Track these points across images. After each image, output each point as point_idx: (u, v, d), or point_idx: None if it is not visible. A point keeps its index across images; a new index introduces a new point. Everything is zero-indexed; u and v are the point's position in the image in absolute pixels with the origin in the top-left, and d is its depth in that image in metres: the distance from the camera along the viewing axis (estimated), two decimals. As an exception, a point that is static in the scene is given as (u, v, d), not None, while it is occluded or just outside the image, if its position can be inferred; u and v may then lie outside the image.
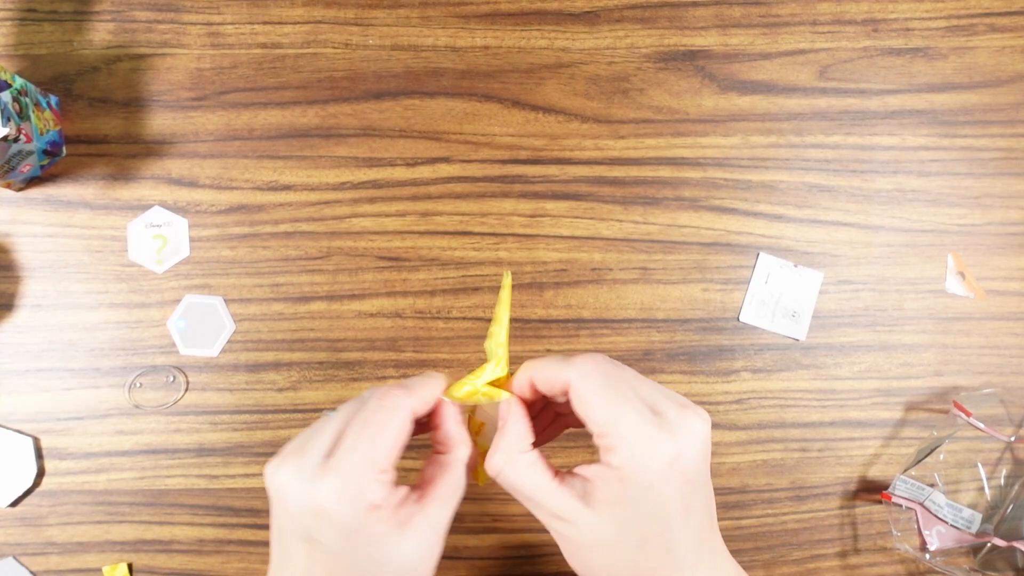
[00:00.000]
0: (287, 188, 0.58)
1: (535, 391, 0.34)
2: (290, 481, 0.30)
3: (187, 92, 0.58)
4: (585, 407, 0.31)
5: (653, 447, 0.29)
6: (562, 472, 0.32)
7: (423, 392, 0.33)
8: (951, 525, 0.56)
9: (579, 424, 0.37)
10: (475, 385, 0.34)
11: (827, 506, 0.57)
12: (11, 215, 0.57)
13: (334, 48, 0.59)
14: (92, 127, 0.58)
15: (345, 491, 0.29)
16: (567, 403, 0.33)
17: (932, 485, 0.56)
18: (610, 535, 0.30)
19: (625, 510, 0.30)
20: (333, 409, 0.37)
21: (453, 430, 0.34)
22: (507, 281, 0.35)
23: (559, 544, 0.33)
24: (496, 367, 0.35)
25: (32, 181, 0.57)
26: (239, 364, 0.56)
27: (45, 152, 0.55)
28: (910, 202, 0.59)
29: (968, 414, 0.55)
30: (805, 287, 0.58)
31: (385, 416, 0.31)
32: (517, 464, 0.32)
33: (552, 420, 0.38)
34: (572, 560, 0.32)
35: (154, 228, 0.57)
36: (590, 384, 0.31)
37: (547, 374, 0.33)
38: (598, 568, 0.31)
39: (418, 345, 0.57)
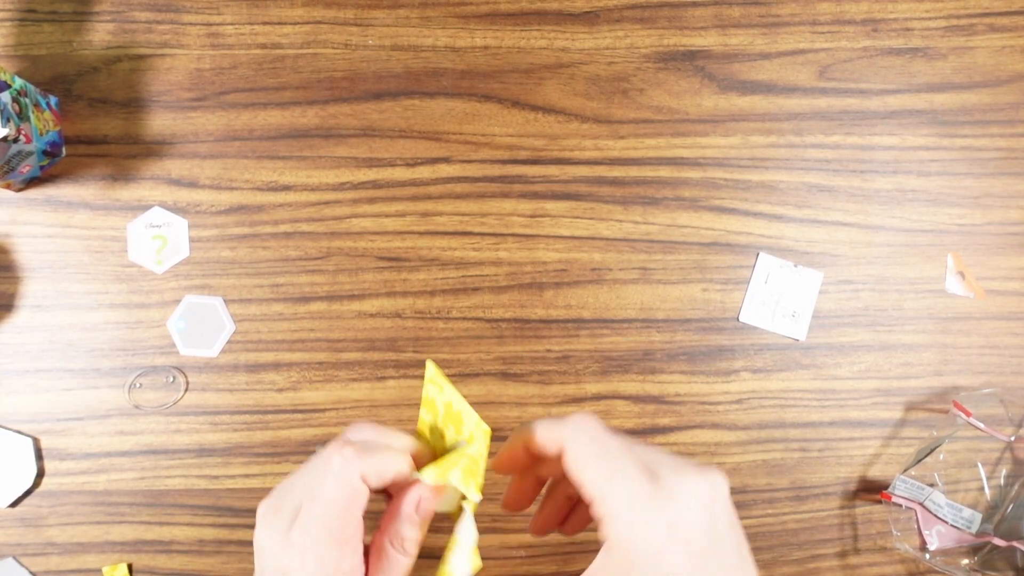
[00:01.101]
0: (287, 188, 0.58)
1: (528, 454, 0.32)
2: (265, 540, 0.30)
3: (187, 92, 0.58)
4: (578, 468, 0.28)
5: (648, 512, 0.26)
6: None
7: (379, 464, 0.30)
8: (951, 525, 0.56)
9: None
10: (447, 478, 0.31)
11: (827, 506, 0.57)
12: (11, 215, 0.57)
13: (334, 48, 0.59)
14: (92, 127, 0.58)
15: (305, 566, 0.29)
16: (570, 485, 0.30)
17: (932, 485, 0.56)
18: None
19: None
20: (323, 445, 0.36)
21: (406, 528, 0.31)
22: (432, 374, 0.33)
23: None
24: (471, 447, 0.31)
25: (32, 181, 0.57)
26: (239, 364, 0.56)
27: (45, 153, 0.55)
28: (910, 202, 0.59)
29: (968, 414, 0.55)
30: (805, 287, 0.58)
31: (335, 489, 0.29)
32: None
33: (571, 508, 0.36)
34: None
35: (154, 228, 0.57)
36: (583, 443, 0.29)
37: (542, 433, 0.30)
38: None
39: (418, 345, 0.57)
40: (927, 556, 0.56)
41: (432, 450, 0.34)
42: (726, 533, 0.27)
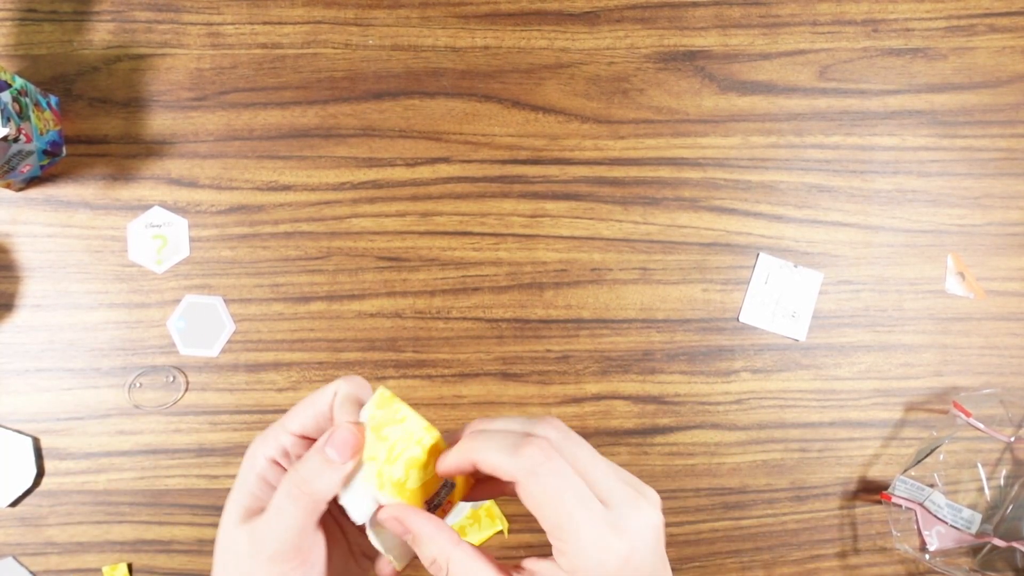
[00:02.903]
0: (287, 188, 0.58)
1: (474, 471, 0.31)
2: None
3: (187, 92, 0.58)
4: (534, 507, 0.29)
5: (605, 550, 0.28)
6: (508, 567, 0.30)
7: (290, 423, 0.32)
8: (951, 525, 0.56)
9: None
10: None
11: (827, 506, 0.57)
12: (11, 215, 0.57)
13: (334, 48, 0.59)
14: (92, 127, 0.58)
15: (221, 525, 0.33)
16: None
17: (932, 485, 0.56)
18: None
19: None
20: None
21: (309, 463, 0.30)
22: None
23: None
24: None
25: (32, 181, 0.57)
26: (239, 364, 0.56)
27: (45, 152, 0.55)
28: (910, 202, 0.59)
29: (968, 414, 0.55)
30: (805, 287, 0.58)
31: (244, 463, 0.33)
32: (457, 560, 0.29)
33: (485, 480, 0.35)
34: None
35: (154, 228, 0.57)
36: (538, 486, 0.29)
37: (493, 462, 0.30)
38: None
39: (418, 345, 0.57)
40: (927, 556, 0.56)
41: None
42: (660, 556, 0.30)
